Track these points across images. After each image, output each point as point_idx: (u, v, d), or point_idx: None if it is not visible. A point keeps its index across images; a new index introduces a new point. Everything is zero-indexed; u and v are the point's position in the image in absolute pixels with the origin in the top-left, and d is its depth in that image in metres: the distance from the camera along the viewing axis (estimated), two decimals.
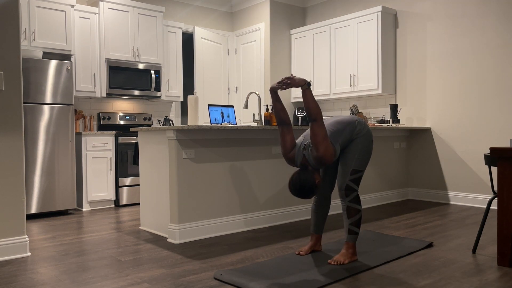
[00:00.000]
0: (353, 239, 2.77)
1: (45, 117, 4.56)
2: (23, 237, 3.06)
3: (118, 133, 5.13)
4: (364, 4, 5.92)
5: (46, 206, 4.54)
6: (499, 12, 4.62)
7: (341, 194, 2.78)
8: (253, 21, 6.58)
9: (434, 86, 5.18)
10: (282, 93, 6.46)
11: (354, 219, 2.75)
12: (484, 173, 4.77)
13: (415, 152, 5.42)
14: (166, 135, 3.51)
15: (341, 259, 2.72)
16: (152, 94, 5.66)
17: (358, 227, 2.77)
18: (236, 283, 2.37)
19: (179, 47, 6.07)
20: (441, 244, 3.21)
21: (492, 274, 2.52)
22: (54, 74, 4.63)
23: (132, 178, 5.24)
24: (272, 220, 3.99)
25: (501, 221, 2.67)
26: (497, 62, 4.64)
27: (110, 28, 5.31)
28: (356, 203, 2.75)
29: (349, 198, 2.75)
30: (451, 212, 4.45)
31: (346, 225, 2.78)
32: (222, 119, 4.31)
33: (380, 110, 5.74)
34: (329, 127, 2.75)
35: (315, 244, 2.98)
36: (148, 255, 3.02)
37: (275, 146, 4.00)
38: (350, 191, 2.75)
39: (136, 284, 2.43)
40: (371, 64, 5.46)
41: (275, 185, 4.02)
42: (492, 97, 4.69)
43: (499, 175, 2.67)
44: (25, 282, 2.48)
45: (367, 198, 4.90)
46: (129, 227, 3.99)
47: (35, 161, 4.49)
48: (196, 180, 3.48)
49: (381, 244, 3.17)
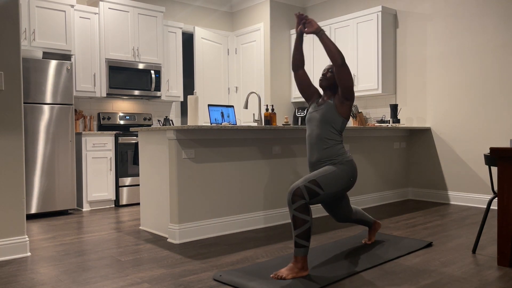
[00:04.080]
0: (300, 253, 2.47)
1: (45, 117, 4.56)
2: (23, 237, 3.06)
3: (118, 133, 5.13)
4: (364, 4, 5.92)
5: (46, 206, 4.54)
6: (499, 12, 4.62)
7: (288, 198, 2.53)
8: (253, 21, 6.58)
9: (434, 86, 5.18)
10: (282, 93, 6.46)
11: (300, 230, 2.46)
12: (484, 173, 4.77)
13: (415, 152, 5.42)
14: (166, 135, 3.51)
15: (284, 273, 2.44)
16: (152, 94, 5.66)
17: (306, 240, 2.47)
18: (236, 283, 2.37)
19: (179, 47, 6.07)
20: (441, 244, 3.21)
21: (492, 274, 2.52)
22: (54, 74, 4.63)
23: (132, 178, 5.24)
24: (272, 220, 3.99)
25: (501, 221, 2.67)
26: (497, 62, 4.64)
27: (110, 28, 5.31)
28: (303, 213, 2.47)
29: (295, 206, 2.49)
30: (451, 212, 4.45)
31: (293, 237, 2.51)
32: (222, 119, 4.31)
33: (380, 110, 5.74)
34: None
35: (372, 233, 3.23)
36: (148, 255, 3.02)
37: (275, 146, 4.00)
38: (298, 198, 2.50)
39: (136, 284, 2.43)
40: (371, 64, 5.46)
41: (275, 185, 4.02)
42: (492, 97, 4.69)
43: (499, 175, 2.67)
44: (25, 282, 2.48)
45: (367, 198, 4.91)
46: (129, 227, 3.99)
47: (35, 161, 4.49)
48: (196, 180, 3.48)
49: (381, 244, 3.17)
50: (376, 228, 3.23)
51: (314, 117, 2.82)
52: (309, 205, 2.54)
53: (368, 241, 3.21)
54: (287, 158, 4.10)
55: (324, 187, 2.61)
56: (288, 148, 4.10)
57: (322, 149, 2.76)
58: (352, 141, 4.72)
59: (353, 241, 3.27)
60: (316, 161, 2.78)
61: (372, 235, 3.22)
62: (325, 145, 2.75)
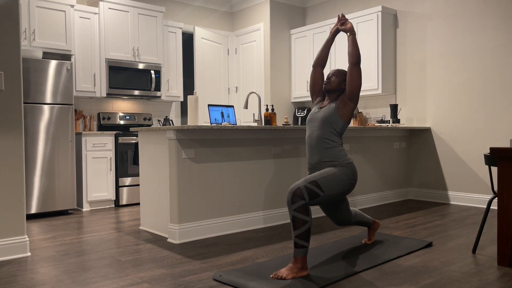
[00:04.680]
0: (300, 253, 2.49)
1: (45, 117, 4.56)
2: (23, 237, 3.06)
3: (118, 133, 5.13)
4: (364, 4, 5.92)
5: (46, 206, 4.54)
6: (499, 12, 4.62)
7: (288, 198, 2.54)
8: (253, 21, 6.58)
9: (434, 86, 5.18)
10: (282, 93, 6.46)
11: (300, 231, 2.47)
12: (484, 173, 4.77)
13: (415, 152, 5.42)
14: (166, 135, 3.51)
15: (283, 273, 2.45)
16: (152, 94, 5.66)
17: (305, 240, 2.48)
18: (236, 283, 2.37)
19: (179, 47, 6.07)
20: (441, 244, 3.21)
21: (492, 274, 2.52)
22: (54, 74, 4.63)
23: (132, 178, 5.24)
24: (272, 220, 3.99)
25: (501, 221, 2.67)
26: (497, 62, 4.64)
27: (110, 28, 5.31)
28: (303, 214, 2.48)
29: (295, 206, 2.49)
30: (451, 212, 4.45)
31: (293, 237, 2.52)
32: (222, 119, 4.31)
33: (380, 110, 5.74)
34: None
35: (372, 233, 3.24)
36: (148, 255, 3.02)
37: (275, 146, 4.00)
38: (298, 198, 2.51)
39: (136, 284, 2.43)
40: (371, 64, 5.46)
41: (275, 185, 4.02)
42: (492, 97, 4.69)
43: (499, 175, 2.67)
44: (25, 282, 2.48)
45: (367, 198, 4.91)
46: (129, 227, 3.99)
47: (35, 161, 4.49)
48: (196, 180, 3.48)
49: (381, 244, 3.17)
50: (376, 228, 3.23)
51: (316, 118, 2.84)
52: (308, 205, 2.54)
53: (368, 241, 3.21)
54: (287, 158, 4.10)
55: (324, 189, 2.62)
56: (288, 148, 4.10)
57: (322, 150, 2.76)
58: (352, 141, 4.72)
59: (353, 241, 3.27)
60: (317, 163, 2.78)
61: (371, 235, 3.22)
62: (326, 145, 2.76)
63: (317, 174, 2.67)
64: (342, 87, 2.87)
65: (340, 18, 2.99)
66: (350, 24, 2.92)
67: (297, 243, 2.48)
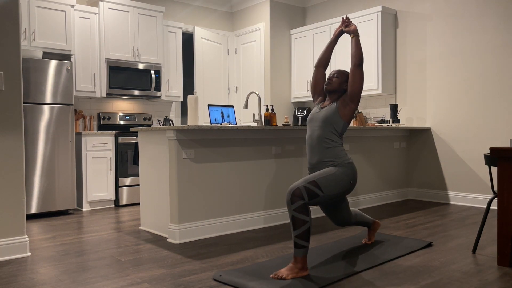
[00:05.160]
0: (300, 253, 2.48)
1: (45, 117, 4.56)
2: (23, 237, 3.06)
3: (118, 133, 5.13)
4: (364, 4, 5.92)
5: (46, 206, 4.54)
6: (499, 12, 4.62)
7: (288, 198, 2.54)
8: (253, 21, 6.58)
9: (434, 86, 5.18)
10: (282, 93, 6.46)
11: (300, 231, 2.47)
12: (484, 173, 4.77)
13: (415, 152, 5.42)
14: (166, 135, 3.51)
15: (283, 273, 2.45)
16: (152, 94, 5.66)
17: (305, 240, 2.47)
18: (236, 283, 2.37)
19: (179, 47, 6.07)
20: (441, 244, 3.21)
21: (492, 274, 2.52)
22: (54, 74, 4.63)
23: (132, 178, 5.24)
24: (272, 220, 3.99)
25: (501, 221, 2.67)
26: (497, 62, 4.64)
27: (110, 28, 5.31)
28: (303, 214, 2.48)
29: (294, 206, 2.49)
30: (451, 212, 4.45)
31: (292, 237, 2.53)
32: (222, 119, 4.31)
33: (380, 110, 5.74)
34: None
35: (372, 234, 3.25)
36: (148, 255, 3.02)
37: (275, 146, 4.00)
38: (297, 198, 2.51)
39: (136, 284, 2.43)
40: (371, 64, 5.46)
41: (275, 185, 4.02)
42: (492, 97, 4.69)
43: (499, 175, 2.67)
44: (25, 282, 2.48)
45: (367, 198, 4.91)
46: (129, 227, 3.99)
47: (35, 161, 4.49)
48: (196, 180, 3.48)
49: (381, 244, 3.17)
50: (376, 227, 3.23)
51: (316, 118, 2.85)
52: (308, 205, 2.54)
53: (368, 241, 3.21)
54: (287, 158, 4.10)
55: (324, 189, 2.62)
56: (288, 148, 4.10)
57: (323, 150, 2.77)
58: (352, 141, 4.72)
59: (353, 241, 3.27)
60: (317, 163, 2.79)
61: (372, 235, 3.22)
62: (326, 145, 2.76)
63: (316, 174, 2.67)
64: (343, 87, 2.88)
65: (344, 20, 3.02)
66: (354, 26, 2.95)
67: (297, 243, 2.48)
